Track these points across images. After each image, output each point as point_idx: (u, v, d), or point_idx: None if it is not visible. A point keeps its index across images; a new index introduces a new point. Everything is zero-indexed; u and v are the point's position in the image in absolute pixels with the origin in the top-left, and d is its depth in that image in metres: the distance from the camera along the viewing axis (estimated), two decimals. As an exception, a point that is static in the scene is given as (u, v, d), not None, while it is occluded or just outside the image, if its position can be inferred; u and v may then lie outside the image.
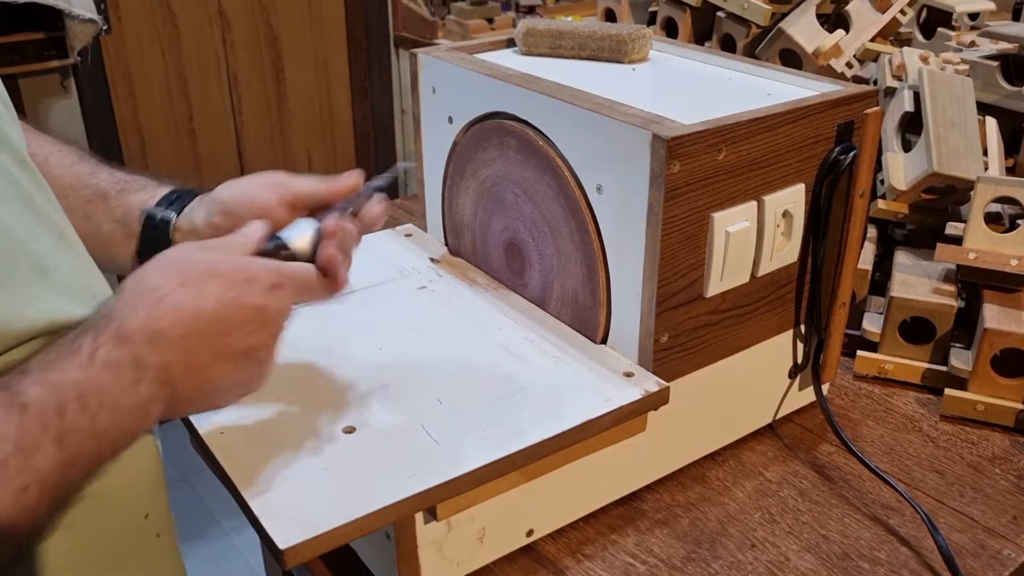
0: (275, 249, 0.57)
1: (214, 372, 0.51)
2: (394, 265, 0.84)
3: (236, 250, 0.56)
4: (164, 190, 0.69)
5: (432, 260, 0.85)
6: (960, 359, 0.84)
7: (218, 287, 0.51)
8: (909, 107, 0.95)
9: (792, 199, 0.70)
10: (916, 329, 0.86)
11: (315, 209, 0.64)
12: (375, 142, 2.94)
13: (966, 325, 0.89)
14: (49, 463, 0.44)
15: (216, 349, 0.51)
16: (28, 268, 0.52)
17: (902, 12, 1.14)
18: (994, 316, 0.81)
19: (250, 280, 0.53)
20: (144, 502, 0.61)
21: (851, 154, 0.71)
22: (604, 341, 0.71)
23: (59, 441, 0.44)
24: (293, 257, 0.57)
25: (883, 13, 1.14)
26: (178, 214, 0.67)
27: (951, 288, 0.86)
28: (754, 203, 0.67)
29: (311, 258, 0.58)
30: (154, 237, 0.66)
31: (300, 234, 0.59)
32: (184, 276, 0.51)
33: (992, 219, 0.87)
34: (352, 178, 0.64)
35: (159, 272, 0.52)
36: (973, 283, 0.87)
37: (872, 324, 0.90)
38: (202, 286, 0.51)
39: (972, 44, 1.08)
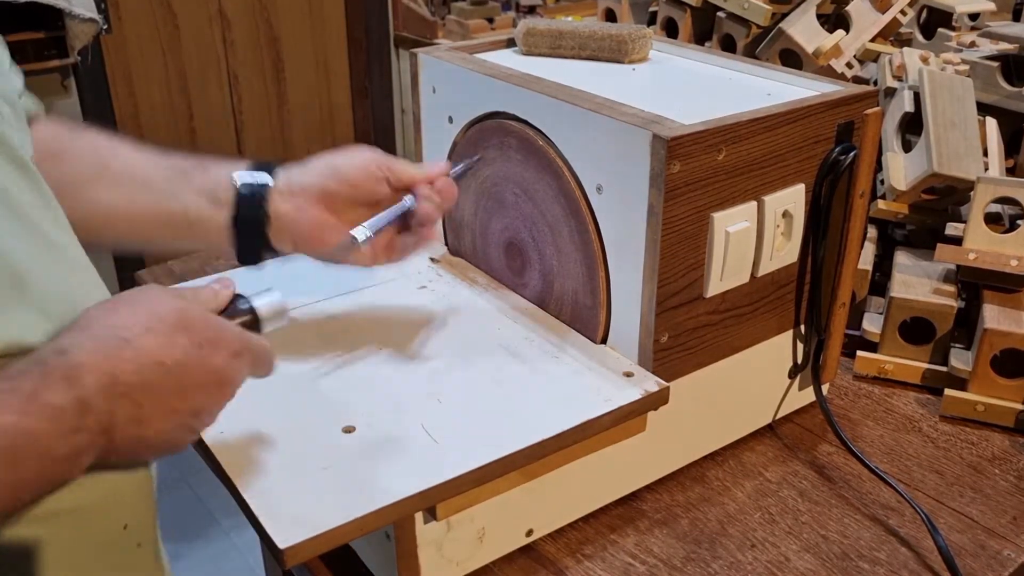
0: (243, 311, 0.56)
1: (155, 427, 0.49)
2: (394, 265, 0.83)
3: (206, 305, 0.54)
4: (245, 163, 0.68)
5: (432, 260, 0.85)
6: (960, 359, 0.84)
7: (185, 341, 0.49)
8: (909, 107, 0.95)
9: (792, 199, 0.70)
10: (916, 329, 0.86)
11: (401, 189, 0.67)
12: (375, 142, 2.94)
13: (966, 325, 0.89)
14: None
15: (167, 404, 0.49)
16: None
17: (902, 12, 1.14)
18: (994, 316, 0.81)
19: (217, 341, 0.51)
20: (124, 513, 0.59)
21: (851, 154, 0.71)
22: (604, 341, 0.71)
23: None
24: (256, 322, 0.57)
25: (883, 13, 1.14)
26: (272, 176, 0.67)
27: (951, 288, 0.86)
28: (754, 203, 0.67)
29: (260, 327, 0.58)
30: (250, 204, 0.66)
31: (268, 301, 0.57)
32: (151, 322, 0.49)
33: (992, 219, 0.87)
34: (442, 166, 0.70)
35: (127, 311, 0.49)
36: (973, 283, 0.87)
37: (872, 324, 0.90)
38: (169, 337, 0.48)
39: (972, 44, 1.08)
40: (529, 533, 0.67)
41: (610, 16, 1.34)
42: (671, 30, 1.22)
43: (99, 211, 0.65)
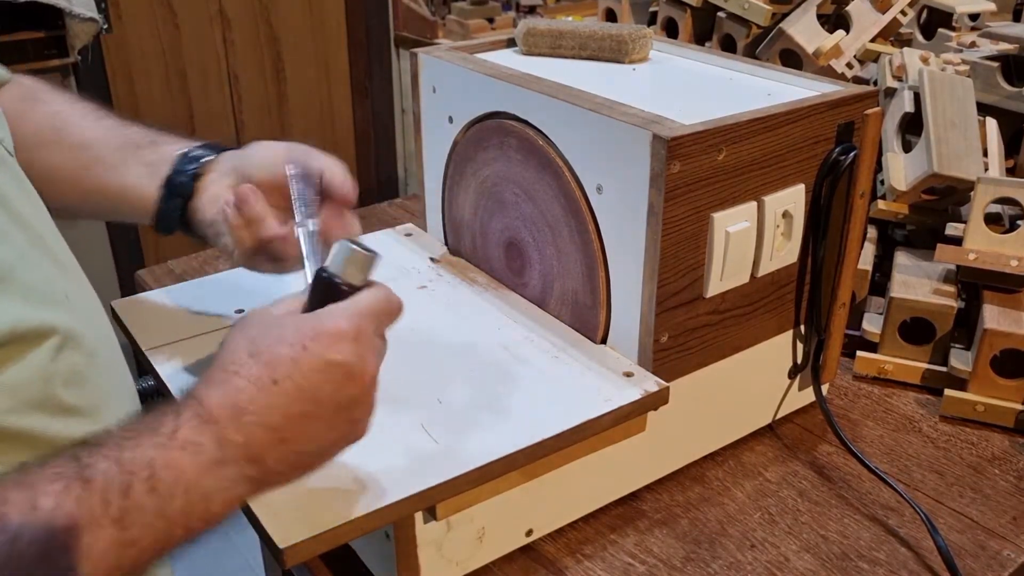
0: (328, 284, 0.52)
1: (305, 437, 0.49)
2: (394, 265, 0.83)
3: (297, 308, 0.52)
4: (196, 142, 0.68)
5: (432, 260, 0.85)
6: (960, 360, 0.84)
7: (287, 351, 0.49)
8: (909, 108, 0.95)
9: (792, 199, 0.70)
10: (916, 330, 0.86)
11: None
12: (375, 142, 2.94)
13: (966, 326, 0.89)
14: (105, 544, 0.42)
15: (302, 414, 0.48)
16: None
17: (903, 13, 1.14)
18: (994, 317, 0.81)
19: (319, 335, 0.49)
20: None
21: (851, 154, 0.71)
22: (604, 341, 0.71)
23: (119, 521, 0.42)
24: (351, 286, 0.52)
25: (884, 14, 1.14)
26: (217, 155, 0.67)
27: (951, 289, 0.86)
28: (754, 203, 0.67)
29: (365, 281, 0.53)
30: (183, 170, 0.66)
31: (340, 263, 0.52)
32: (252, 347, 0.49)
33: (992, 220, 0.87)
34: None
35: (228, 349, 0.50)
36: (973, 284, 0.87)
37: (872, 324, 0.90)
38: (273, 354, 0.48)
39: (972, 45, 1.08)
40: (529, 533, 0.67)
41: (610, 16, 1.34)
42: (671, 30, 1.22)
43: (45, 173, 0.65)
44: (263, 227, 0.63)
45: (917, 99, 0.95)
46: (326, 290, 0.52)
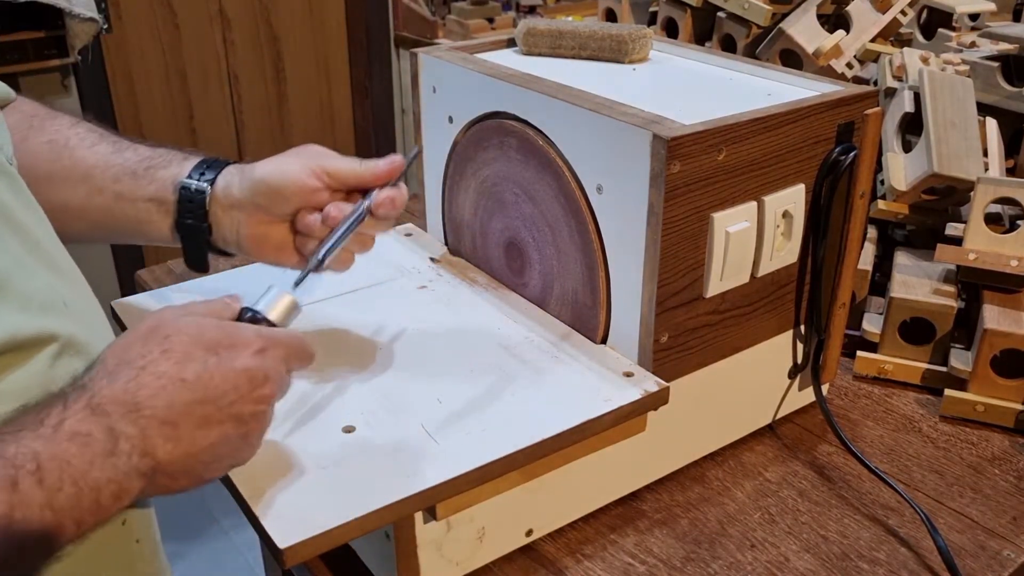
0: (252, 320, 0.56)
1: (199, 442, 0.49)
2: (394, 265, 0.84)
3: (219, 316, 0.54)
4: (192, 162, 0.67)
5: (432, 260, 0.85)
6: (960, 360, 0.84)
7: (202, 353, 0.49)
8: (909, 108, 0.95)
9: (792, 199, 0.70)
10: (916, 330, 0.86)
11: (352, 192, 0.64)
12: (375, 142, 2.94)
13: (966, 326, 0.89)
14: None
15: (200, 416, 0.49)
16: None
17: (903, 13, 1.14)
18: (994, 317, 0.81)
19: (235, 344, 0.51)
20: (122, 511, 0.60)
21: (851, 154, 0.71)
22: (604, 341, 0.71)
23: (6, 516, 0.41)
24: (271, 327, 0.57)
25: (884, 14, 1.14)
26: (211, 184, 0.65)
27: (951, 289, 0.86)
28: (754, 203, 0.67)
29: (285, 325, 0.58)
30: (191, 210, 0.65)
31: (270, 302, 0.57)
32: (166, 344, 0.49)
33: (992, 220, 0.87)
34: (392, 163, 0.63)
35: (140, 342, 0.50)
36: (973, 284, 0.87)
37: (872, 324, 0.90)
38: (185, 353, 0.49)
39: (972, 45, 1.08)
40: (529, 533, 0.67)
41: (610, 16, 1.34)
42: (671, 30, 1.22)
43: (54, 209, 0.65)
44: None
45: (917, 99, 0.95)
46: (249, 323, 0.56)
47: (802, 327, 0.78)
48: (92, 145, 0.68)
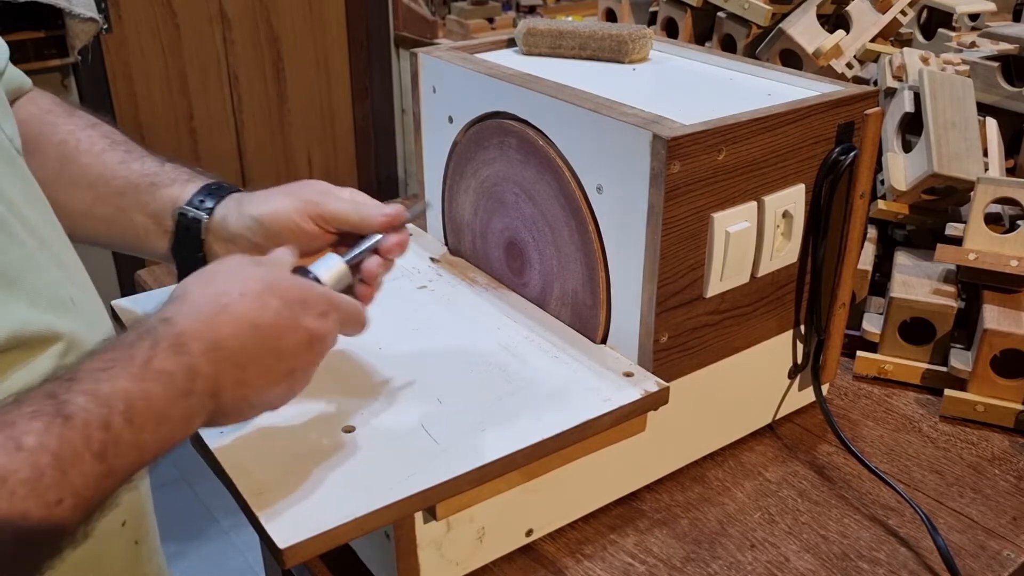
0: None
1: (256, 387, 0.51)
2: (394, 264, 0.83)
3: (283, 266, 0.55)
4: (194, 186, 0.66)
5: (432, 260, 0.85)
6: (960, 360, 0.84)
7: (277, 303, 0.51)
8: (909, 108, 0.95)
9: (792, 199, 0.70)
10: (916, 330, 0.86)
11: (346, 234, 0.63)
12: (375, 142, 2.94)
13: (966, 326, 0.89)
14: (87, 477, 0.43)
15: (265, 365, 0.50)
16: None
17: (903, 13, 1.14)
18: (994, 317, 0.81)
19: (306, 301, 0.52)
20: (121, 510, 0.59)
21: (851, 154, 0.71)
22: (604, 341, 0.71)
23: (101, 455, 0.43)
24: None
25: (884, 14, 1.14)
26: (209, 214, 0.65)
27: (951, 289, 0.86)
28: (754, 203, 0.67)
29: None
30: (187, 238, 0.65)
31: (328, 269, 0.58)
32: (245, 286, 0.50)
33: (992, 220, 0.87)
34: (390, 212, 0.61)
35: (221, 279, 0.51)
36: (973, 284, 0.87)
37: (872, 325, 0.90)
38: (262, 300, 0.50)
39: (972, 45, 1.08)
40: (529, 533, 0.67)
41: (610, 16, 1.34)
42: (671, 30, 1.22)
43: (62, 210, 0.65)
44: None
45: (917, 99, 0.95)
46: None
47: (802, 327, 0.78)
48: (101, 152, 0.68)
